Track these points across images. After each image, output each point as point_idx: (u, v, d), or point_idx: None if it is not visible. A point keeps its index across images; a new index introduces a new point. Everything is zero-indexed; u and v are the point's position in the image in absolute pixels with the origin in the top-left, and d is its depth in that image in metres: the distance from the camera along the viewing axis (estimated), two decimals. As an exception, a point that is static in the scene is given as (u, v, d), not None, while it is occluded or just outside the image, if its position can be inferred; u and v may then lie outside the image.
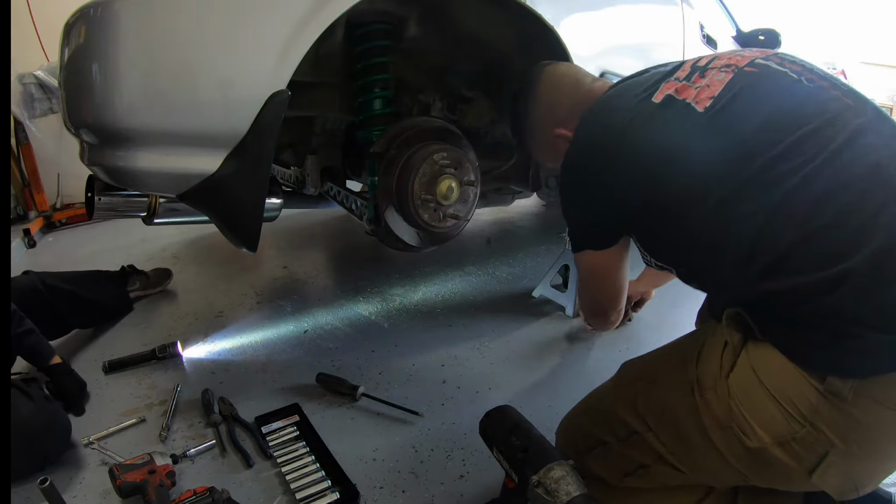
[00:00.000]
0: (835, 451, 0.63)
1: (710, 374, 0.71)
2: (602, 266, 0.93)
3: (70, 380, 1.28)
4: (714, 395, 0.70)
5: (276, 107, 0.98)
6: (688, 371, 0.75)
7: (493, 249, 2.41)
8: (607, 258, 0.91)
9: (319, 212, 2.86)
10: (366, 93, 1.34)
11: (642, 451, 0.78)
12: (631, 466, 0.80)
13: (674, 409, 0.74)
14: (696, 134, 0.74)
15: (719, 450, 0.70)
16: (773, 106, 0.71)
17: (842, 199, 0.63)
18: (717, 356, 0.72)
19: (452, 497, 1.04)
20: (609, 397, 0.86)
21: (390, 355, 1.53)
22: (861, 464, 0.65)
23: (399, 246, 1.34)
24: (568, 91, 1.00)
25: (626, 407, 0.80)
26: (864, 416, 0.61)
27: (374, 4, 1.22)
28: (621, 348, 1.55)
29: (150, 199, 1.44)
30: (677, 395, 0.74)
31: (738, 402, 0.67)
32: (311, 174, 1.61)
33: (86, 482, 1.07)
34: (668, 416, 0.75)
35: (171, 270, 1.98)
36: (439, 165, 1.24)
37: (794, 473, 0.66)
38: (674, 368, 0.78)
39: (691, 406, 0.72)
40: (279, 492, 1.04)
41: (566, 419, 0.94)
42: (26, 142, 2.75)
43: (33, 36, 2.74)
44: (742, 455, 0.68)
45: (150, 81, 0.92)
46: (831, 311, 0.61)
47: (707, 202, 0.71)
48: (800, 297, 0.63)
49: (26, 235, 2.56)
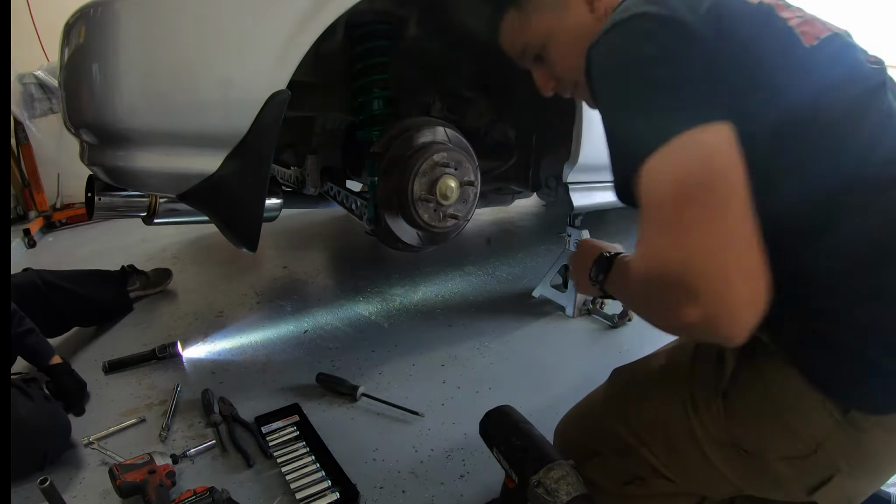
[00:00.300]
0: (840, 473, 0.61)
1: (703, 390, 0.69)
2: (709, 161, 0.49)
3: (70, 380, 1.28)
4: (708, 411, 0.67)
5: (276, 107, 0.98)
6: (679, 386, 0.72)
7: (493, 249, 2.41)
8: (719, 141, 0.50)
9: (319, 212, 2.86)
10: (366, 93, 1.34)
11: (638, 463, 0.76)
12: (627, 477, 0.78)
13: (666, 425, 0.72)
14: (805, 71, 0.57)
15: (715, 465, 0.68)
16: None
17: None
18: (709, 370, 0.69)
19: (452, 497, 1.03)
20: (601, 407, 0.84)
21: (390, 355, 1.53)
22: (860, 482, 0.64)
23: (399, 246, 1.34)
24: None
25: (619, 420, 0.78)
26: (874, 444, 0.59)
27: (374, 4, 1.22)
28: (622, 349, 1.55)
29: (150, 199, 1.44)
30: (669, 411, 0.72)
31: (740, 420, 0.65)
32: (311, 174, 1.61)
33: (86, 482, 1.07)
34: (661, 432, 0.73)
35: (171, 270, 1.98)
36: (439, 165, 1.24)
37: (792, 487, 0.65)
38: (664, 382, 0.75)
39: (685, 422, 0.69)
40: (279, 492, 1.04)
41: (561, 423, 0.92)
42: (26, 142, 2.75)
43: (33, 36, 2.75)
44: (739, 469, 0.67)
45: (150, 81, 0.92)
46: (881, 343, 0.54)
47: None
48: (849, 323, 0.56)
49: (26, 235, 2.56)
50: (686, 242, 0.47)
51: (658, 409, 0.74)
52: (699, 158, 0.49)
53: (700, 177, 0.49)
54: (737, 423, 0.65)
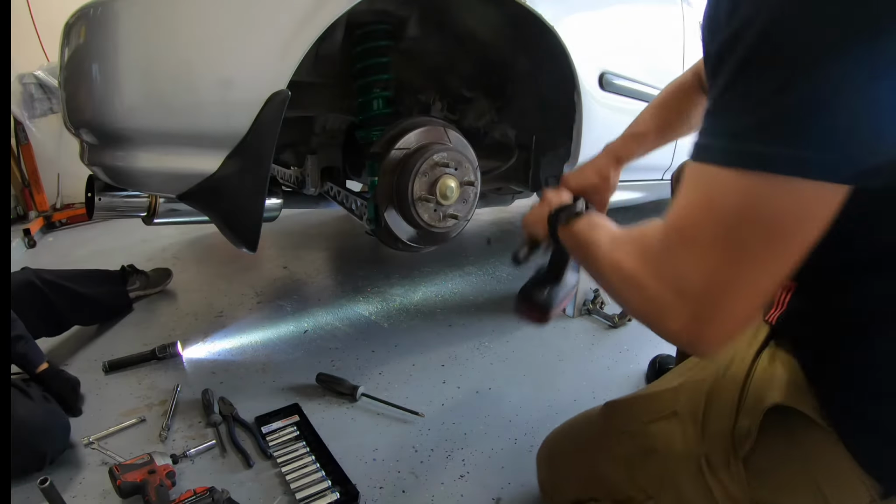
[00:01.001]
0: None
1: (720, 452, 0.63)
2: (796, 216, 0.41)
3: (61, 382, 1.27)
4: (728, 472, 0.63)
5: (276, 107, 0.98)
6: (691, 441, 0.67)
7: (493, 249, 2.41)
8: (820, 201, 0.40)
9: (319, 212, 2.86)
10: (366, 93, 1.34)
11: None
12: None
13: (678, 483, 0.67)
14: None
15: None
16: None
17: None
18: (727, 427, 0.63)
19: (452, 497, 1.03)
20: (596, 449, 0.78)
21: (390, 355, 1.53)
22: None
23: (399, 246, 1.34)
24: None
25: (620, 470, 0.73)
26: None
27: (374, 5, 1.22)
28: (622, 349, 1.55)
29: (150, 199, 1.44)
30: (681, 469, 0.67)
31: (765, 483, 0.60)
32: (311, 174, 1.61)
33: (86, 482, 1.07)
34: (672, 488, 0.68)
35: (171, 270, 1.98)
36: (439, 165, 1.24)
37: None
38: (673, 436, 0.69)
39: (699, 482, 0.65)
40: (279, 492, 1.04)
41: (548, 455, 0.87)
42: (26, 142, 2.75)
43: (33, 36, 2.74)
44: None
45: (150, 81, 0.92)
46: None
47: None
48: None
49: (26, 235, 2.56)
50: (714, 272, 0.43)
51: (668, 467, 0.69)
52: (789, 212, 0.40)
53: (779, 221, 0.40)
54: (761, 484, 0.61)
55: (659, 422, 0.72)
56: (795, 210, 0.40)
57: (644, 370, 1.43)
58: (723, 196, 0.42)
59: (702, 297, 0.43)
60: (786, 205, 0.40)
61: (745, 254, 0.42)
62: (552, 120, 1.49)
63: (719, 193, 0.42)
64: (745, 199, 0.41)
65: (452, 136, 1.32)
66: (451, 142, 1.30)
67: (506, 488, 1.06)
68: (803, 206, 0.40)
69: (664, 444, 0.70)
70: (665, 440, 0.70)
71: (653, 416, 0.73)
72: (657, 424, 0.72)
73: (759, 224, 0.41)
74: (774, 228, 0.41)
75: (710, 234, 0.43)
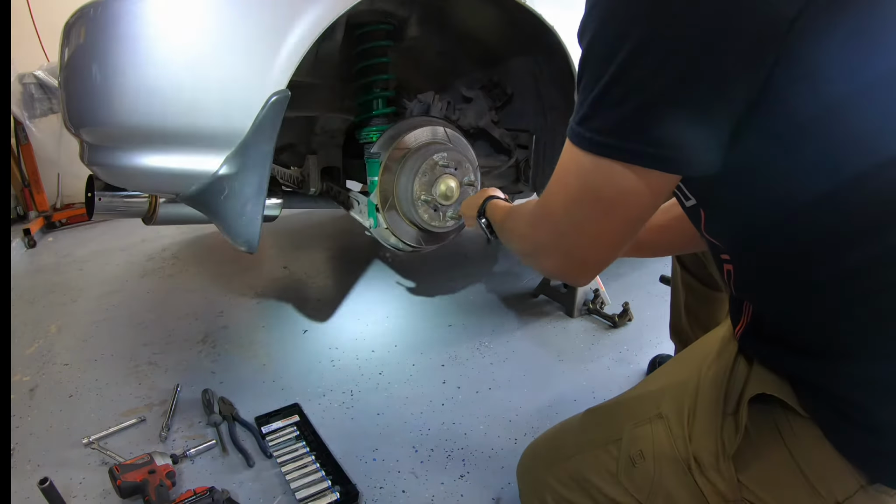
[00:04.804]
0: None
1: (709, 451, 0.65)
2: (638, 190, 0.50)
3: None
4: (718, 474, 0.63)
5: (276, 107, 0.98)
6: (678, 444, 0.68)
7: (492, 249, 2.41)
8: (656, 182, 0.50)
9: (319, 212, 2.86)
10: (366, 93, 1.34)
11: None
12: None
13: (666, 486, 0.68)
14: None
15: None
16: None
17: None
18: (713, 426, 0.65)
19: (452, 497, 1.04)
20: (580, 457, 0.77)
21: (390, 355, 1.53)
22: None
23: (399, 246, 1.34)
24: None
25: (605, 478, 0.73)
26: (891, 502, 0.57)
27: (375, 5, 1.22)
28: (622, 349, 1.55)
29: (149, 199, 1.44)
30: (669, 472, 0.68)
31: (754, 478, 0.61)
32: (311, 174, 1.61)
33: (86, 482, 1.07)
34: (661, 492, 0.68)
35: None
36: (439, 165, 1.24)
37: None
38: (660, 438, 0.70)
39: (688, 484, 0.66)
40: (279, 492, 1.04)
41: (529, 463, 0.85)
42: (26, 142, 2.75)
43: (33, 36, 2.75)
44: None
45: (150, 82, 0.92)
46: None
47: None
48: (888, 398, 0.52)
49: (26, 235, 2.56)
50: (582, 229, 0.56)
51: (655, 471, 0.69)
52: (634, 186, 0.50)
53: (626, 194, 0.51)
54: (750, 480, 0.62)
55: (644, 425, 0.73)
56: (624, 186, 0.51)
57: (644, 370, 1.44)
58: (589, 173, 0.53)
59: (564, 245, 0.58)
60: (616, 182, 0.50)
61: (615, 216, 0.54)
62: (552, 120, 1.50)
63: (572, 168, 0.54)
64: (603, 174, 0.51)
65: (452, 136, 1.32)
66: (451, 142, 1.30)
67: (506, 488, 1.06)
68: (632, 184, 0.50)
69: (652, 448, 0.70)
70: (652, 444, 0.71)
71: (638, 420, 0.74)
72: (643, 428, 0.72)
73: (619, 195, 0.52)
74: (607, 199, 0.52)
75: (586, 207, 0.54)
